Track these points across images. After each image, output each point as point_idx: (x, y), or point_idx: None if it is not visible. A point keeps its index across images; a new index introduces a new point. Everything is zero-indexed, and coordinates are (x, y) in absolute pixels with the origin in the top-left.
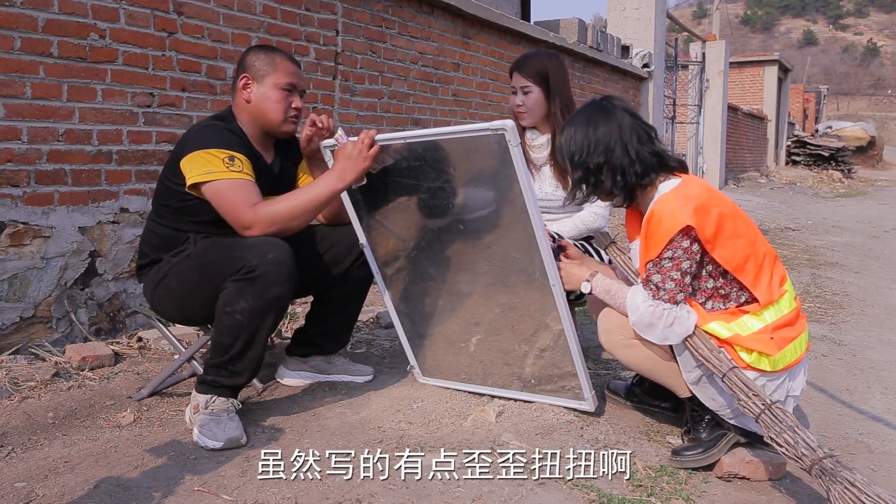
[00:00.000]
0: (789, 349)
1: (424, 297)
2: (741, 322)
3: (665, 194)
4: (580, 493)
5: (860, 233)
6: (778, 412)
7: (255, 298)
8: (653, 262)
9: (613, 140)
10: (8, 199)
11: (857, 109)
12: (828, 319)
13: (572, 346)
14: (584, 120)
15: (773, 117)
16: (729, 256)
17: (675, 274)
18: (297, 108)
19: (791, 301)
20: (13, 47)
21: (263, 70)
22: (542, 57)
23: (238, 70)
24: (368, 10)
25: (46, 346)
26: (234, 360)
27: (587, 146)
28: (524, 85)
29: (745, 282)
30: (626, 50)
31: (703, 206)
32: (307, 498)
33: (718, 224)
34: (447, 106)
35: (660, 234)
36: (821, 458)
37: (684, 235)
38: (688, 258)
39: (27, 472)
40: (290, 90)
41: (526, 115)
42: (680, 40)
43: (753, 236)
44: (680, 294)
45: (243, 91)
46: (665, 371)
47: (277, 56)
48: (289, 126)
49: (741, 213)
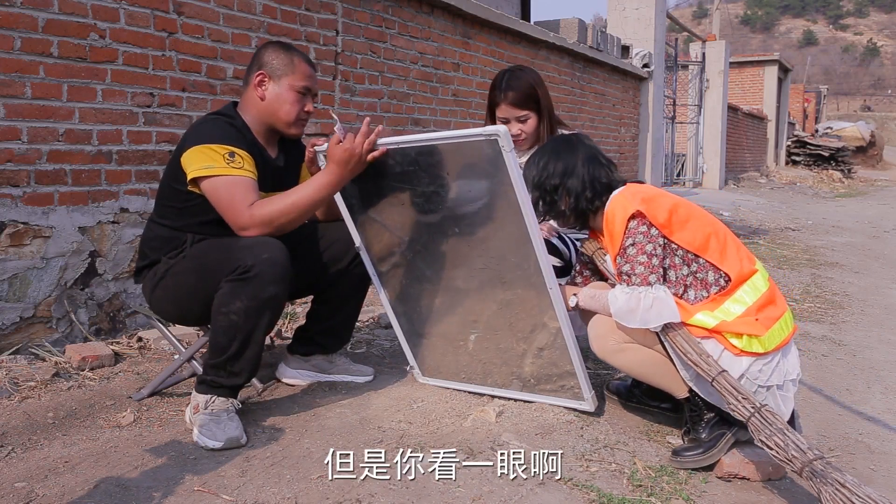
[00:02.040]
0: (776, 328)
1: (421, 296)
2: (724, 308)
3: (614, 196)
4: (580, 493)
5: (860, 233)
6: (768, 415)
7: (250, 298)
8: (619, 254)
9: (570, 167)
10: (8, 199)
11: (857, 109)
12: (828, 319)
13: (570, 345)
14: (549, 149)
15: (773, 117)
16: (689, 237)
17: (642, 258)
18: (309, 112)
19: (765, 280)
20: (13, 47)
21: (281, 70)
22: (526, 79)
23: (254, 65)
24: (368, 10)
25: (46, 346)
26: (231, 361)
27: (547, 170)
28: (519, 115)
29: (711, 259)
30: (626, 50)
31: (650, 197)
32: (307, 498)
33: (670, 210)
34: (447, 106)
35: (616, 226)
36: (811, 460)
37: (638, 221)
38: (649, 241)
39: (27, 472)
40: (304, 93)
41: (526, 141)
42: (680, 40)
43: (711, 219)
44: (652, 276)
45: (258, 88)
46: (660, 373)
47: (296, 56)
48: (298, 129)
49: (693, 204)
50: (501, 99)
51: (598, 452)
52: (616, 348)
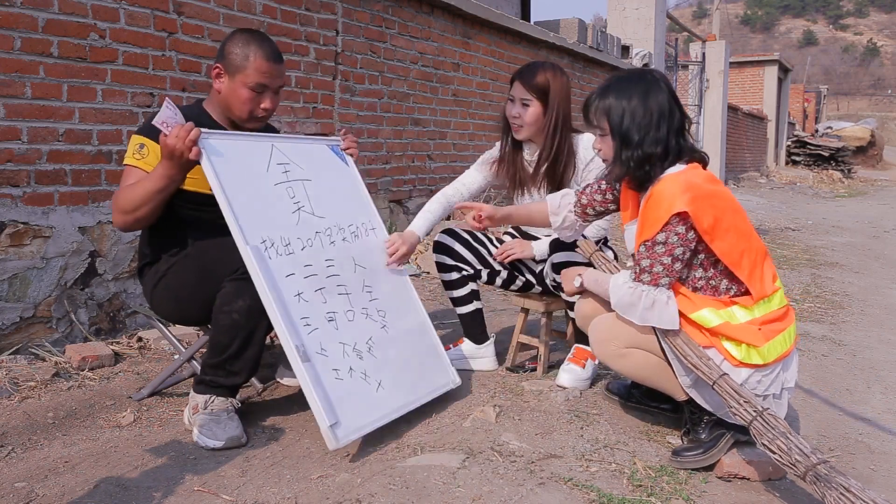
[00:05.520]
0: (778, 340)
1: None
2: (731, 311)
3: (667, 176)
4: (580, 493)
5: (860, 233)
6: (770, 418)
7: (253, 298)
8: (646, 244)
9: (654, 121)
10: (8, 199)
11: (857, 109)
12: (828, 319)
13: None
14: (641, 93)
15: (773, 117)
16: (727, 249)
17: (666, 259)
18: (267, 109)
19: (782, 299)
20: (13, 47)
21: (235, 65)
22: (547, 70)
23: (217, 55)
24: (368, 10)
25: (46, 346)
26: (231, 360)
27: (639, 121)
28: (524, 97)
29: (741, 276)
30: (626, 50)
31: (703, 196)
32: (307, 498)
33: (717, 216)
34: (447, 106)
35: (657, 215)
36: (815, 464)
37: (680, 220)
38: (682, 244)
39: (27, 472)
40: (259, 90)
41: (521, 128)
42: (680, 40)
43: (748, 231)
44: (665, 279)
45: (215, 80)
46: (660, 377)
47: (254, 50)
48: (254, 123)
49: (739, 209)
50: (518, 76)
51: (598, 452)
52: (617, 353)
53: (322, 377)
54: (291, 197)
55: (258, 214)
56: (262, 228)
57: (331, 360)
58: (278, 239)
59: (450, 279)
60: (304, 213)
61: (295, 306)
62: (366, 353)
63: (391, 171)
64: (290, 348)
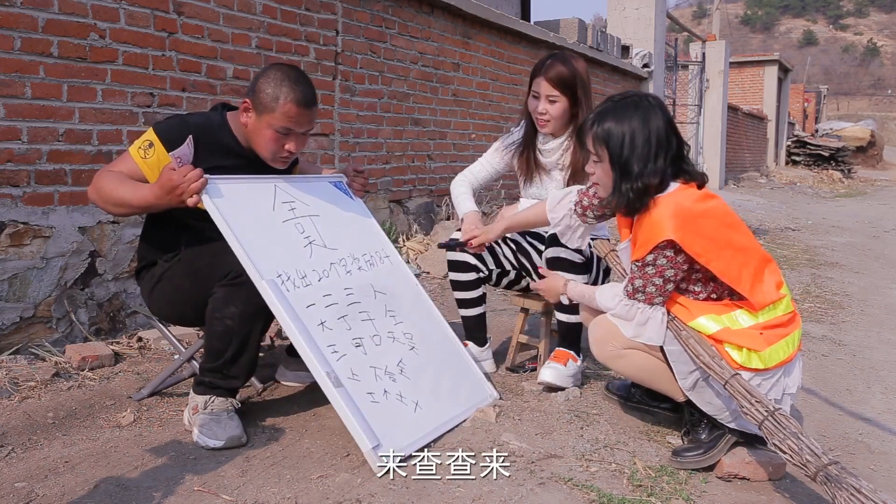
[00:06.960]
0: (780, 345)
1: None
2: (732, 316)
3: (658, 199)
4: (580, 493)
5: (860, 233)
6: (781, 419)
7: (245, 303)
8: (637, 264)
9: (653, 152)
10: (8, 199)
11: (857, 109)
12: (828, 319)
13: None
14: (641, 118)
15: (773, 117)
16: (724, 268)
17: (657, 280)
18: (291, 151)
19: (788, 305)
20: (13, 47)
21: (264, 104)
22: (571, 64)
23: (249, 89)
24: (368, 10)
25: (46, 346)
26: (228, 365)
27: (635, 141)
28: (551, 94)
29: (742, 291)
30: (626, 50)
31: (692, 219)
32: (307, 498)
33: (709, 237)
34: (447, 106)
35: (646, 238)
36: (826, 465)
37: (668, 245)
38: (672, 267)
39: (27, 472)
40: (284, 133)
41: (549, 123)
42: (680, 40)
43: (746, 244)
44: (659, 297)
45: (243, 113)
46: (659, 378)
47: (285, 92)
48: (278, 164)
49: (735, 222)
50: (542, 72)
51: (598, 452)
52: (615, 354)
53: (357, 401)
54: (301, 232)
55: (270, 250)
56: (275, 263)
57: (364, 385)
58: (294, 272)
59: (466, 279)
60: (315, 247)
61: (320, 335)
62: (398, 374)
63: (391, 171)
64: (321, 376)
